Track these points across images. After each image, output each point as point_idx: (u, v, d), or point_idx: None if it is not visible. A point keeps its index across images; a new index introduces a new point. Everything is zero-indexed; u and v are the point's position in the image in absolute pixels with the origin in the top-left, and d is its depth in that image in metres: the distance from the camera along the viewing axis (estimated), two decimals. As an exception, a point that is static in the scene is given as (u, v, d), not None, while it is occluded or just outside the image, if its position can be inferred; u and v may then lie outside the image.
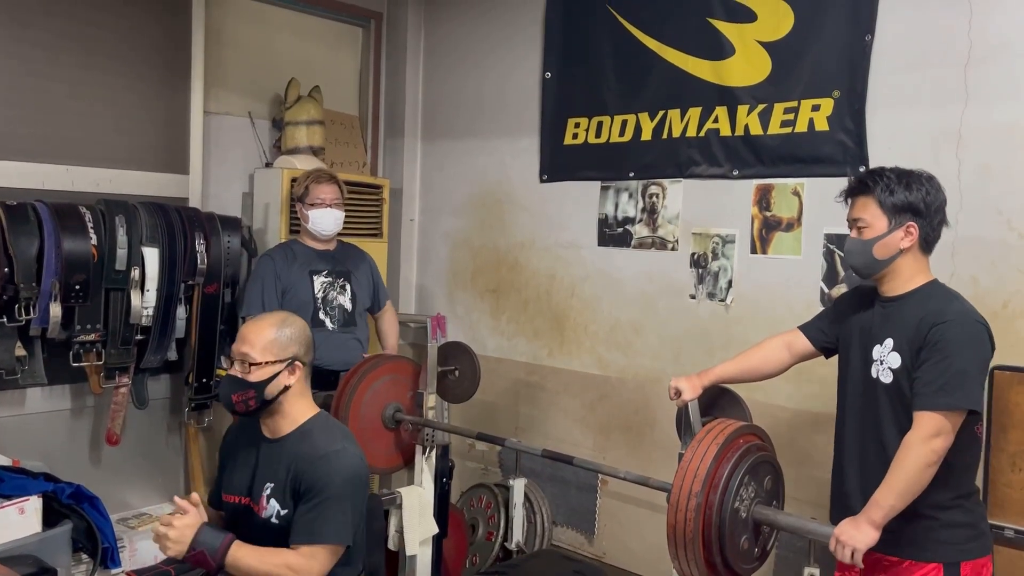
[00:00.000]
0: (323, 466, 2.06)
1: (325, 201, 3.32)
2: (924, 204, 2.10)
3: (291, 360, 2.13)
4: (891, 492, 1.98)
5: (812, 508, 2.85)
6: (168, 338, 3.35)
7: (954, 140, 2.69)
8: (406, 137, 4.44)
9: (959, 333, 2.01)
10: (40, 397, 3.29)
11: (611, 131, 3.59)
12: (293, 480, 2.08)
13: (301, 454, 2.10)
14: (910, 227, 2.10)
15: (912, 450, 1.98)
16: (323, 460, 2.07)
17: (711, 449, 2.07)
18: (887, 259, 2.12)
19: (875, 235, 2.11)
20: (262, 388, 2.09)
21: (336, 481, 2.05)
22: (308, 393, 2.23)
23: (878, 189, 2.10)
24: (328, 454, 2.08)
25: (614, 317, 3.63)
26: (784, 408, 3.05)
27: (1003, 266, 2.60)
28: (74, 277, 3.05)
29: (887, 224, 2.10)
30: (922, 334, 2.03)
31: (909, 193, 2.09)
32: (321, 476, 2.05)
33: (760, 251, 3.16)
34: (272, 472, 2.13)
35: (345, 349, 3.35)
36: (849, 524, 2.03)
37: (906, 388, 2.06)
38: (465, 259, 4.26)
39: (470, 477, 4.13)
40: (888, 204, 2.10)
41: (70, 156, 3.33)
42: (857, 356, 2.21)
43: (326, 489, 2.04)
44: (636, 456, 3.49)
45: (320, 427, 2.18)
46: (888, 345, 2.11)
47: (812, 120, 2.99)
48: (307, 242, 3.41)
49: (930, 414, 1.98)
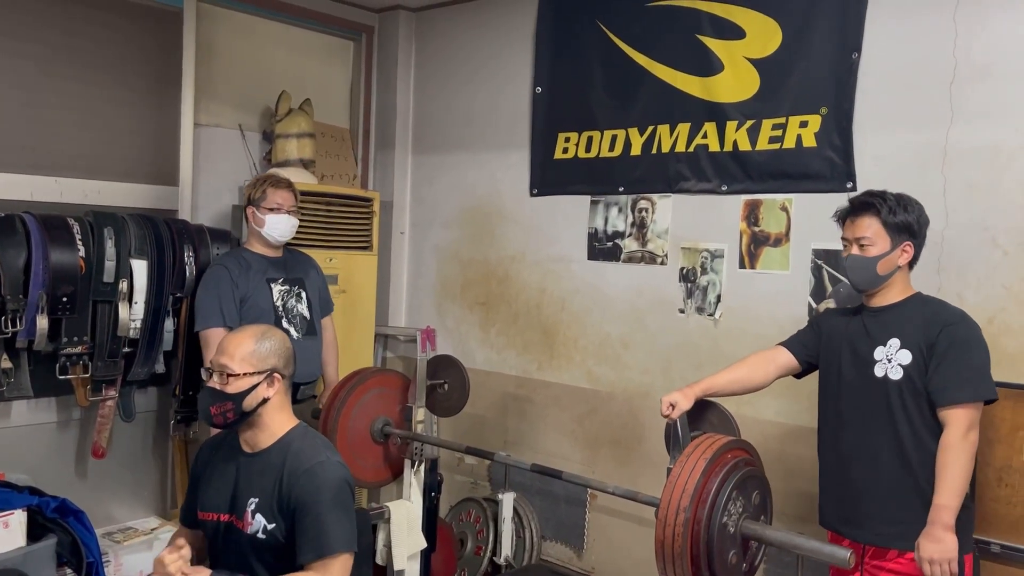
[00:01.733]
0: (312, 480, 2.04)
1: (283, 207, 3.19)
2: (918, 225, 2.28)
3: (270, 372, 2.12)
4: (952, 492, 2.08)
5: (801, 523, 2.85)
6: (156, 351, 3.33)
7: (940, 158, 2.72)
8: (397, 150, 4.45)
9: (970, 333, 2.19)
10: (26, 410, 3.26)
11: (601, 146, 3.61)
12: (281, 495, 2.06)
13: (287, 469, 2.07)
14: (907, 246, 2.27)
15: (956, 448, 2.10)
16: (310, 474, 2.05)
17: (699, 464, 2.07)
18: (887, 275, 2.28)
19: (879, 253, 2.26)
20: (240, 400, 2.07)
21: (328, 492, 2.04)
22: (288, 406, 2.20)
23: (883, 210, 2.25)
24: (314, 467, 2.06)
25: (603, 331, 3.63)
26: (773, 423, 3.06)
27: (988, 283, 2.63)
28: (61, 289, 3.03)
29: (889, 243, 2.25)
30: (933, 334, 2.17)
31: (908, 215, 2.26)
32: (312, 490, 2.03)
33: (748, 266, 3.18)
34: (255, 487, 2.10)
35: (308, 360, 3.27)
36: (928, 542, 2.08)
37: (919, 383, 2.18)
38: (455, 272, 4.26)
39: (459, 491, 4.12)
40: (891, 224, 2.25)
41: (59, 167, 3.32)
42: (849, 362, 2.30)
43: (320, 502, 2.02)
44: (625, 470, 3.49)
45: (301, 439, 2.15)
46: (894, 345, 2.23)
47: (800, 136, 3.02)
48: (257, 249, 3.25)
49: (959, 410, 2.11)
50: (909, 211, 2.26)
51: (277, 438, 2.14)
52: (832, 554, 2.04)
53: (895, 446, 2.20)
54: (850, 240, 2.30)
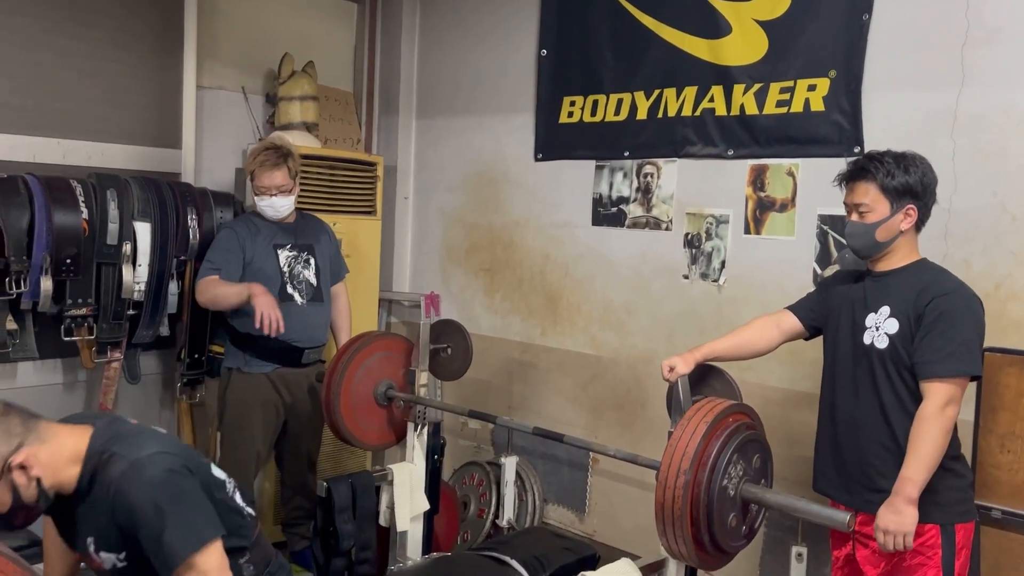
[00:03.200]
0: (124, 500, 1.76)
1: (269, 191, 3.15)
2: (921, 186, 2.17)
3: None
4: (920, 466, 2.04)
5: (802, 488, 2.86)
6: (160, 313, 3.34)
7: (949, 122, 2.68)
8: (401, 114, 4.41)
9: (961, 304, 2.10)
10: (32, 371, 3.28)
11: (606, 110, 3.57)
12: (111, 524, 1.81)
13: (100, 498, 1.80)
14: (909, 210, 2.18)
15: (930, 422, 2.05)
16: (121, 493, 1.76)
17: (700, 427, 2.07)
18: (888, 241, 2.20)
19: (878, 219, 2.18)
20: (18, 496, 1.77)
21: (151, 500, 1.75)
22: (69, 434, 1.85)
23: (880, 174, 2.16)
24: (121, 483, 1.77)
25: (607, 297, 3.63)
26: (775, 388, 3.06)
27: (996, 249, 2.60)
28: (65, 251, 3.03)
29: (889, 208, 2.17)
30: (922, 304, 2.10)
31: (908, 176, 2.16)
32: (129, 512, 1.76)
33: (754, 231, 3.16)
34: (86, 525, 1.86)
35: (313, 326, 3.28)
36: (888, 512, 2.07)
37: (903, 353, 2.13)
38: (459, 237, 4.25)
39: (462, 455, 4.15)
40: (890, 188, 2.16)
41: (61, 129, 3.30)
42: (847, 326, 2.27)
43: (145, 523, 1.75)
44: (628, 435, 3.51)
45: (98, 461, 1.82)
46: (884, 312, 2.18)
47: (808, 100, 2.98)
48: (267, 216, 3.25)
49: (940, 384, 2.05)
50: (910, 172, 2.15)
51: (76, 477, 1.83)
52: (831, 517, 2.05)
53: (880, 415, 2.17)
54: (849, 206, 2.24)
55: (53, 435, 1.82)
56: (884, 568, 2.19)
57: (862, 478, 2.22)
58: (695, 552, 2.09)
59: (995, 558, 2.52)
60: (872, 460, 2.19)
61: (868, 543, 2.21)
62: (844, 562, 2.34)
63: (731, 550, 2.17)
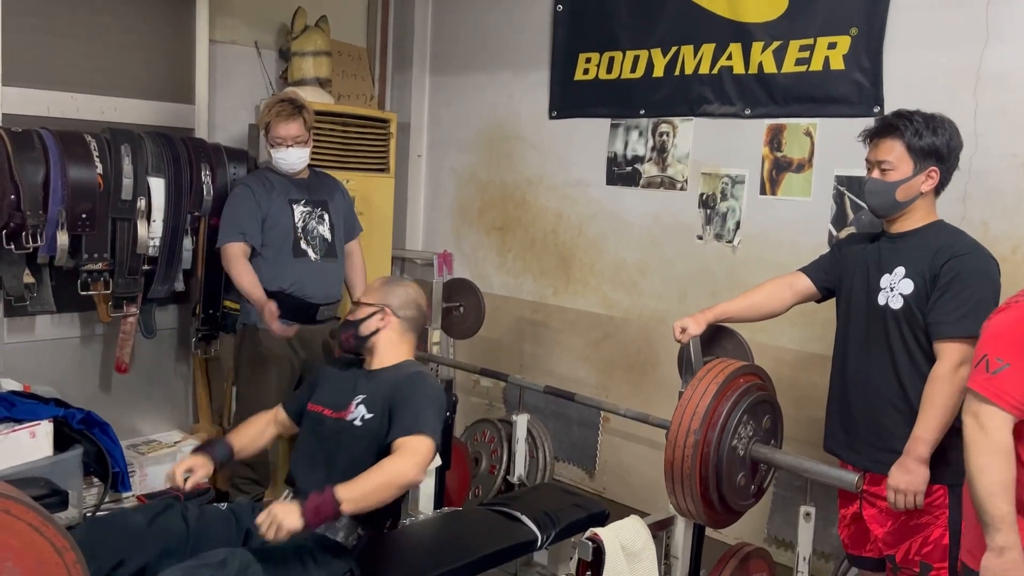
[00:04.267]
0: (413, 382, 2.24)
1: (286, 141, 3.13)
2: (948, 149, 2.14)
3: (382, 308, 2.34)
4: (932, 426, 2.05)
5: (811, 448, 2.87)
6: (175, 269, 3.36)
7: (972, 81, 2.63)
8: (414, 70, 4.37)
9: (977, 265, 2.08)
10: (49, 324, 3.32)
11: (623, 67, 3.53)
12: (386, 399, 2.21)
13: (393, 379, 2.27)
14: (932, 172, 2.15)
15: (943, 382, 2.05)
16: (413, 378, 2.25)
17: (711, 388, 2.08)
18: (907, 201, 2.17)
19: (900, 178, 2.15)
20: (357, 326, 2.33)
21: (425, 392, 2.21)
22: (405, 342, 2.39)
23: (908, 133, 2.13)
24: (414, 375, 2.27)
25: (620, 257, 3.62)
26: (787, 350, 3.06)
27: (1015, 212, 2.57)
28: (80, 206, 3.05)
29: (912, 168, 2.14)
30: (938, 264, 2.09)
31: (936, 137, 2.13)
32: (410, 388, 2.21)
33: (769, 192, 3.13)
34: (367, 390, 2.28)
35: (328, 282, 3.29)
36: (899, 471, 2.08)
37: (918, 314, 2.12)
38: (472, 196, 4.24)
39: (474, 412, 4.19)
40: (916, 148, 2.13)
41: (75, 83, 3.30)
42: (861, 287, 2.25)
43: (416, 399, 2.18)
44: (638, 395, 3.52)
45: (409, 366, 2.34)
46: (899, 273, 2.16)
47: (828, 58, 2.93)
48: (281, 169, 3.23)
49: (954, 344, 2.05)
50: (938, 133, 2.12)
51: (390, 364, 2.34)
52: (840, 478, 2.06)
53: (893, 376, 2.17)
54: (872, 163, 2.20)
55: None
56: (891, 527, 2.20)
57: (872, 438, 2.22)
58: (703, 510, 2.11)
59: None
60: (883, 420, 2.20)
61: (876, 502, 2.22)
62: (851, 520, 2.36)
63: (739, 509, 2.20)
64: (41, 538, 1.58)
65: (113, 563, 1.94)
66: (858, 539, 2.35)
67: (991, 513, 1.64)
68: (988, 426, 1.66)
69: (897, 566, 2.19)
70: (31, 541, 1.56)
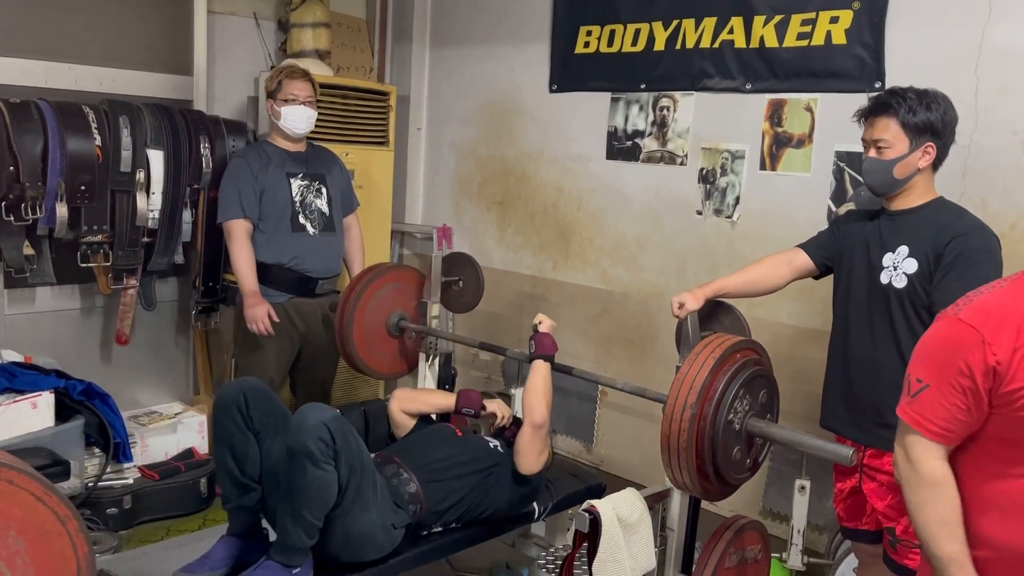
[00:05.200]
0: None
1: (299, 98, 3.15)
2: (942, 124, 2.14)
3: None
4: None
5: (807, 423, 2.89)
6: (174, 241, 3.36)
7: (974, 57, 2.62)
8: (414, 43, 4.34)
9: (981, 244, 2.09)
10: (50, 296, 3.33)
11: (624, 40, 3.50)
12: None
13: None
14: (928, 147, 2.15)
15: None
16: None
17: (708, 362, 2.09)
18: (906, 178, 2.18)
19: (896, 156, 2.15)
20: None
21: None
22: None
23: (902, 110, 2.13)
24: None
25: (619, 231, 3.62)
26: (785, 325, 3.07)
27: (1015, 188, 2.57)
28: (79, 178, 3.05)
29: (908, 145, 2.14)
30: (942, 243, 2.10)
31: (930, 113, 2.13)
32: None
33: (769, 167, 3.13)
34: None
35: (326, 256, 3.30)
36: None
37: (922, 292, 2.13)
38: (472, 170, 4.23)
39: (473, 385, 4.20)
40: (911, 125, 2.13)
41: (73, 54, 3.28)
42: (862, 266, 2.26)
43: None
44: (637, 369, 3.54)
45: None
46: (903, 252, 2.17)
47: (829, 33, 2.91)
48: (278, 143, 3.24)
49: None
50: (932, 109, 2.12)
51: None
52: (835, 452, 2.07)
53: (896, 354, 2.18)
54: (868, 142, 2.21)
55: None
56: (891, 500, 2.23)
57: (874, 415, 2.24)
58: (699, 483, 2.13)
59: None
60: (887, 398, 2.21)
61: (876, 476, 2.25)
62: (848, 494, 2.38)
63: (735, 482, 2.21)
64: (44, 507, 1.60)
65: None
66: (854, 512, 2.38)
67: (935, 555, 1.46)
68: (913, 457, 1.48)
69: (897, 538, 2.22)
70: (34, 511, 1.58)
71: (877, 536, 2.33)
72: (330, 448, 1.97)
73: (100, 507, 3.05)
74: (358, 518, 2.10)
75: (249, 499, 2.17)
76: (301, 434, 1.95)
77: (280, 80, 3.16)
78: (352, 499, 2.07)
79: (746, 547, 2.36)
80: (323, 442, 1.95)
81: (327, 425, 1.97)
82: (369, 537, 2.14)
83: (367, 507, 2.12)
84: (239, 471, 2.14)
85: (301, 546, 2.02)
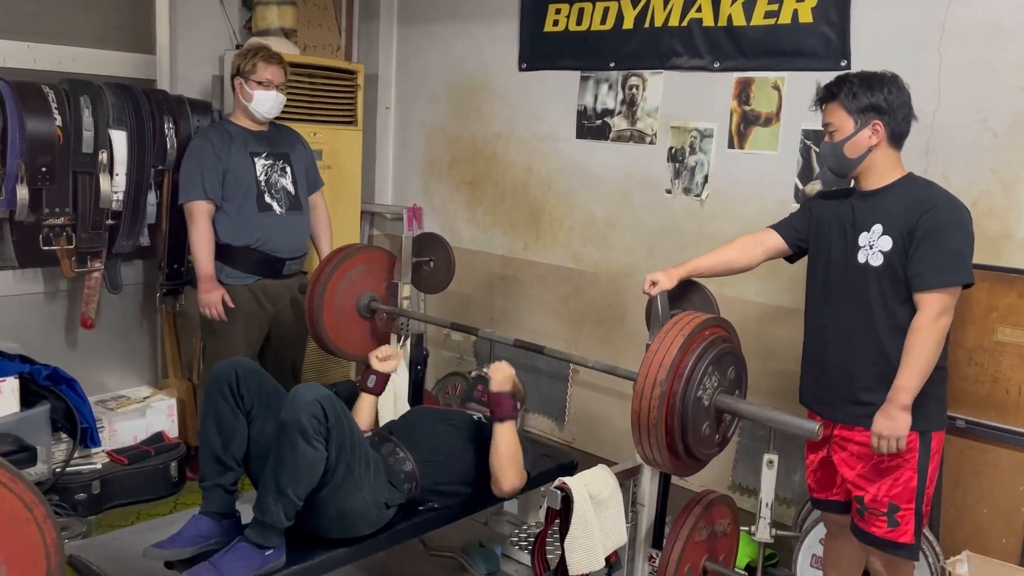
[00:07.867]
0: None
1: (272, 83, 3.12)
2: (886, 103, 2.21)
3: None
4: (913, 374, 2.13)
5: (776, 399, 2.94)
6: (139, 223, 3.31)
7: (937, 35, 2.65)
8: (382, 20, 4.29)
9: (951, 217, 2.16)
10: (12, 280, 3.27)
11: (592, 18, 3.49)
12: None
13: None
14: (876, 125, 2.22)
15: (924, 332, 2.12)
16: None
17: (677, 340, 2.11)
18: (859, 157, 2.24)
19: (843, 136, 2.24)
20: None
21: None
22: None
23: (842, 94, 2.23)
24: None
25: (590, 211, 3.63)
26: (753, 303, 3.11)
27: (976, 165, 2.61)
28: (39, 159, 2.98)
29: (854, 125, 2.22)
30: (913, 219, 2.16)
31: (871, 95, 2.21)
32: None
33: (737, 146, 3.15)
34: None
35: (293, 235, 3.27)
36: (883, 418, 2.15)
37: (898, 268, 2.18)
38: (442, 150, 4.20)
39: (445, 366, 4.21)
40: (853, 107, 2.22)
41: (31, 32, 3.20)
42: (839, 246, 2.31)
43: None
44: (607, 348, 3.57)
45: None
46: (877, 231, 2.22)
47: (796, 11, 2.93)
48: (241, 122, 3.20)
49: (933, 294, 2.12)
50: (874, 91, 2.19)
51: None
52: (801, 426, 2.11)
53: (871, 332, 2.23)
54: (823, 128, 2.30)
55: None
56: (860, 469, 2.28)
57: (847, 393, 2.29)
58: (669, 459, 2.16)
59: (956, 464, 2.64)
60: (859, 376, 2.26)
61: (847, 446, 2.31)
62: (819, 465, 2.44)
63: (704, 458, 2.24)
64: (10, 494, 1.58)
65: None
66: (824, 483, 2.44)
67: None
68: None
69: (865, 506, 2.28)
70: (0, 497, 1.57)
71: (846, 506, 2.39)
72: (322, 425, 2.00)
73: (69, 493, 3.02)
74: (351, 496, 2.13)
75: (227, 479, 2.18)
76: (295, 409, 1.99)
77: (255, 62, 3.11)
78: (343, 477, 2.10)
79: (715, 521, 2.40)
80: (316, 419, 1.99)
81: (321, 403, 2.01)
82: (362, 515, 2.18)
83: (359, 485, 2.15)
84: (222, 448, 2.16)
85: (278, 525, 2.03)
